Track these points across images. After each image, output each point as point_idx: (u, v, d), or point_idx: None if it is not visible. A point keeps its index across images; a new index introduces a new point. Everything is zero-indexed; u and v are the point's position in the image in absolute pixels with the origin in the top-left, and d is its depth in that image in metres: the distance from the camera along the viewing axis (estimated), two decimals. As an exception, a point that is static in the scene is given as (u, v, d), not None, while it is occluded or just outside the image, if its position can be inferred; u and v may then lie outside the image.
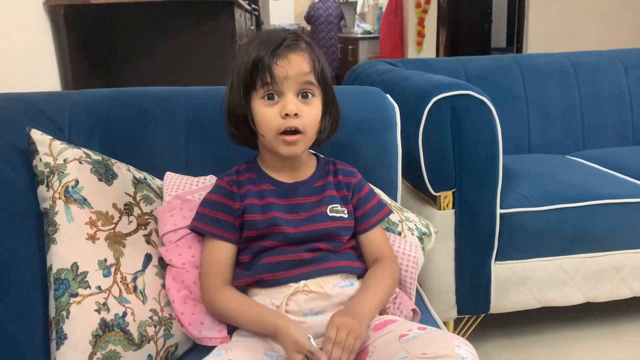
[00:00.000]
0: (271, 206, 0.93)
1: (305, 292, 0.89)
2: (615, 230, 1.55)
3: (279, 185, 0.96)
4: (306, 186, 0.97)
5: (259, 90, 0.88)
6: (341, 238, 0.95)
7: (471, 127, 1.40)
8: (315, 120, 0.91)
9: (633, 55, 2.21)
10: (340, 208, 0.96)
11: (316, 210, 0.95)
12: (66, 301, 0.82)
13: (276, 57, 0.87)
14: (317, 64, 0.91)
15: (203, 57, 2.14)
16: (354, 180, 1.01)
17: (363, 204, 1.00)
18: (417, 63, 2.10)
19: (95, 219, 0.89)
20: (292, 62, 0.87)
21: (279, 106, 0.88)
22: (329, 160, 1.03)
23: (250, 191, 0.94)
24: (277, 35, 0.90)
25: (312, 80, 0.90)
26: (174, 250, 0.97)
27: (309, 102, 0.90)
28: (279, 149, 0.90)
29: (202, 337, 0.93)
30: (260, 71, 0.87)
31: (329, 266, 0.92)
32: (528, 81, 2.08)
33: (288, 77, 0.87)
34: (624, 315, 1.76)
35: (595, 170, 1.77)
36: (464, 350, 0.73)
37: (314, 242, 0.92)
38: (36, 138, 0.91)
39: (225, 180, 0.96)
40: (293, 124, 0.88)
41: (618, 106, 2.13)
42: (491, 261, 1.51)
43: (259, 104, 0.89)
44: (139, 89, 1.25)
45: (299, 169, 0.98)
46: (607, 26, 4.24)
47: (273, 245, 0.91)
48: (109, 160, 0.99)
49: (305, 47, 0.91)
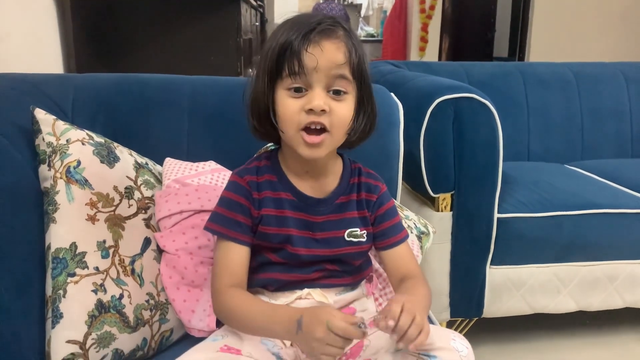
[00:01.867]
0: (287, 221, 0.85)
1: (307, 298, 0.86)
2: (610, 240, 1.55)
3: (299, 197, 0.87)
4: (327, 204, 0.88)
5: (285, 80, 0.78)
6: (354, 262, 0.90)
7: (473, 130, 1.40)
8: (345, 120, 0.80)
9: (635, 69, 2.22)
10: (360, 232, 0.89)
11: (334, 232, 0.87)
12: (63, 280, 0.81)
13: (307, 42, 0.75)
14: (354, 55, 0.79)
15: (208, 51, 2.14)
16: (374, 197, 0.91)
17: (382, 220, 0.91)
18: (420, 66, 2.11)
19: (96, 200, 0.89)
20: (325, 51, 0.76)
21: (304, 99, 0.77)
22: (355, 167, 0.92)
23: (268, 198, 0.85)
24: (312, 18, 0.79)
25: (345, 74, 0.78)
26: (168, 236, 0.97)
27: (341, 98, 0.79)
28: (299, 149, 0.80)
29: (190, 327, 0.93)
30: (288, 58, 0.76)
31: (335, 282, 0.89)
32: (530, 89, 2.09)
33: (318, 69, 0.76)
34: (615, 326, 1.77)
35: (592, 180, 1.78)
36: (459, 344, 0.73)
37: (324, 263, 0.87)
38: (40, 117, 0.91)
39: (245, 179, 0.86)
40: (318, 120, 0.77)
41: (618, 118, 2.14)
42: (486, 265, 1.51)
43: (283, 95, 0.78)
44: (143, 75, 1.25)
45: (322, 178, 0.88)
46: (610, 39, 4.26)
47: (280, 262, 0.86)
48: (112, 144, 0.99)
49: (343, 35, 0.79)
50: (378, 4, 7.16)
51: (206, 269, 0.96)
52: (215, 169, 1.10)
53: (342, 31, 0.79)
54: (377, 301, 1.02)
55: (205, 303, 0.94)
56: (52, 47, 1.87)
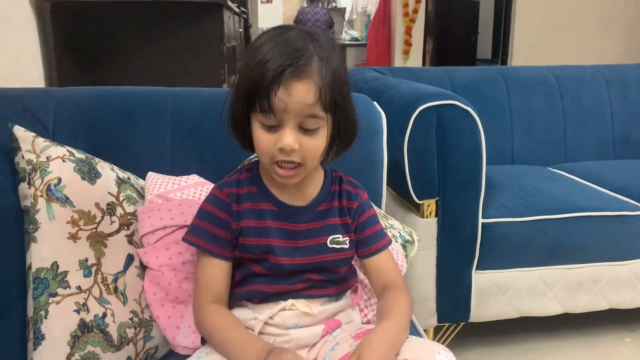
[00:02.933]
0: (269, 231, 0.86)
1: (291, 309, 0.86)
2: (594, 242, 1.57)
3: (280, 207, 0.87)
4: (309, 211, 0.88)
5: (258, 114, 0.77)
6: (338, 269, 0.90)
7: (456, 137, 1.41)
8: (317, 152, 0.80)
9: (615, 71, 2.25)
10: (342, 238, 0.89)
11: (316, 240, 0.88)
12: (45, 301, 0.80)
13: (276, 86, 0.74)
14: (326, 92, 0.76)
15: (191, 58, 2.13)
16: (355, 204, 0.92)
17: (363, 228, 0.92)
18: (404, 71, 2.12)
19: (77, 218, 0.88)
20: (294, 94, 0.74)
21: (276, 135, 0.78)
22: (336, 176, 0.94)
23: (248, 210, 0.86)
24: (288, 47, 0.75)
25: (316, 113, 0.77)
26: (151, 253, 0.96)
27: (312, 133, 0.79)
28: (273, 175, 0.82)
29: (175, 345, 0.93)
30: (259, 97, 0.75)
31: (319, 293, 0.89)
32: (513, 93, 2.11)
33: (288, 110, 0.75)
34: (600, 327, 1.79)
35: (575, 182, 1.80)
36: (444, 357, 0.73)
37: (308, 273, 0.87)
38: (19, 135, 0.90)
39: (225, 192, 0.87)
40: (289, 159, 0.78)
41: (599, 121, 2.17)
42: (472, 270, 1.52)
43: (257, 126, 0.79)
44: (125, 88, 1.24)
45: (303, 187, 0.89)
46: (590, 41, 4.32)
47: (264, 273, 0.86)
48: (93, 159, 0.98)
49: (317, 70, 0.76)
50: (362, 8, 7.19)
51: (190, 284, 0.95)
52: (199, 183, 1.09)
53: (317, 64, 0.76)
54: (362, 312, 1.02)
55: (190, 319, 0.93)
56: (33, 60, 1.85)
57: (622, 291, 1.62)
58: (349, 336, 0.86)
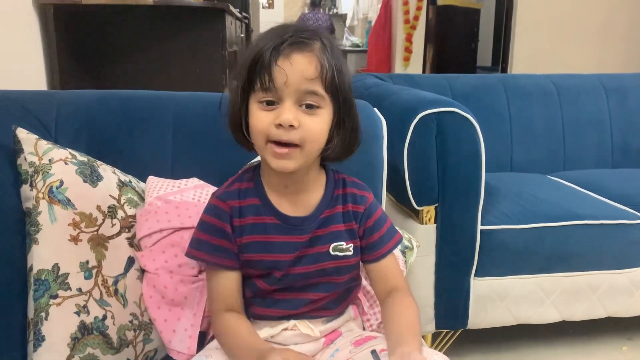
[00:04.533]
0: (273, 246, 0.84)
1: (293, 330, 0.86)
2: (592, 250, 1.57)
3: (284, 220, 0.84)
4: (312, 220, 0.85)
5: (257, 92, 0.76)
6: (340, 278, 0.87)
7: (455, 144, 1.42)
8: (318, 134, 0.77)
9: (614, 80, 2.26)
10: (345, 245, 0.86)
11: (318, 248, 0.85)
12: (45, 302, 0.81)
13: (277, 55, 0.73)
14: (327, 69, 0.75)
15: (193, 63, 2.14)
16: (362, 208, 0.88)
17: (370, 233, 0.88)
18: (405, 78, 2.13)
19: (79, 220, 0.89)
20: (295, 64, 0.74)
21: (275, 113, 0.75)
22: (339, 178, 0.90)
23: (252, 225, 0.84)
24: (288, 29, 0.76)
25: (316, 90, 0.75)
26: (148, 256, 0.97)
27: (313, 112, 0.76)
28: (268, 160, 0.78)
29: (170, 349, 0.93)
30: (259, 71, 0.74)
31: (322, 314, 0.88)
32: (512, 101, 2.12)
33: (288, 83, 0.74)
34: (598, 335, 1.79)
35: (574, 191, 1.81)
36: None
37: (312, 280, 0.85)
38: (22, 137, 0.91)
39: (228, 204, 0.84)
40: (287, 137, 0.75)
41: (598, 129, 2.17)
42: (470, 277, 1.52)
43: (255, 107, 0.77)
44: (127, 92, 1.25)
45: (303, 192, 0.86)
46: (590, 50, 4.34)
47: (266, 289, 0.85)
48: (95, 162, 0.99)
49: (319, 48, 0.76)
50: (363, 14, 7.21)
51: (186, 287, 0.96)
52: (198, 186, 1.10)
53: (319, 44, 0.76)
54: (368, 321, 1.01)
55: (187, 322, 0.93)
56: (36, 62, 1.86)
57: (620, 299, 1.63)
58: (348, 342, 0.86)
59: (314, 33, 0.77)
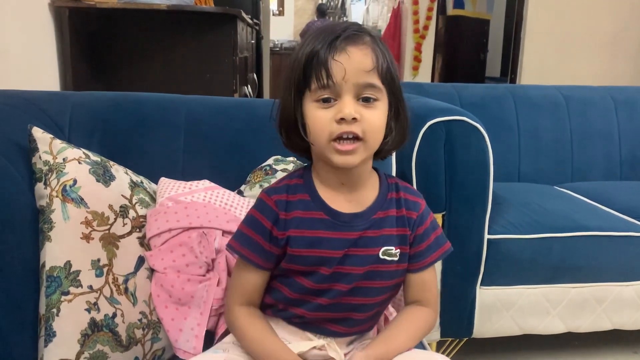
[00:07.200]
0: (321, 242, 0.80)
1: (322, 350, 0.83)
2: (599, 262, 1.57)
3: (334, 216, 0.81)
4: (364, 218, 0.82)
5: (313, 91, 0.75)
6: (384, 283, 0.84)
7: (464, 152, 1.43)
8: (378, 127, 0.76)
9: (623, 93, 2.26)
10: (394, 251, 0.83)
11: (369, 250, 0.82)
12: (57, 299, 0.82)
13: (334, 50, 0.73)
14: (383, 60, 0.76)
15: (204, 68, 2.16)
16: (415, 214, 0.85)
17: (419, 241, 0.85)
18: (413, 87, 2.14)
19: (91, 219, 0.90)
20: (352, 57, 0.73)
21: (334, 109, 0.74)
22: (392, 182, 0.87)
23: (298, 219, 0.81)
24: (336, 26, 0.76)
25: (374, 82, 0.75)
26: (157, 255, 0.98)
27: (371, 105, 0.75)
28: (332, 158, 0.76)
29: (177, 348, 0.94)
30: (315, 68, 0.74)
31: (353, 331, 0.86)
32: (521, 111, 2.12)
33: (346, 78, 0.73)
34: (603, 348, 1.78)
35: (582, 202, 1.81)
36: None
37: (356, 283, 0.82)
38: (37, 136, 0.92)
39: (273, 199, 0.82)
40: (350, 130, 0.74)
41: (607, 141, 2.17)
42: (476, 286, 1.52)
43: (311, 107, 0.76)
44: (140, 94, 1.27)
45: (358, 189, 0.83)
46: (600, 61, 4.34)
47: (311, 287, 0.81)
48: (108, 162, 1.00)
49: (370, 41, 0.76)
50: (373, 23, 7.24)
51: (194, 287, 0.97)
52: (209, 187, 1.11)
53: (369, 37, 0.76)
54: None
55: (193, 321, 0.94)
56: (50, 63, 1.89)
57: (626, 312, 1.62)
58: (361, 346, 0.86)
59: (362, 27, 0.78)
